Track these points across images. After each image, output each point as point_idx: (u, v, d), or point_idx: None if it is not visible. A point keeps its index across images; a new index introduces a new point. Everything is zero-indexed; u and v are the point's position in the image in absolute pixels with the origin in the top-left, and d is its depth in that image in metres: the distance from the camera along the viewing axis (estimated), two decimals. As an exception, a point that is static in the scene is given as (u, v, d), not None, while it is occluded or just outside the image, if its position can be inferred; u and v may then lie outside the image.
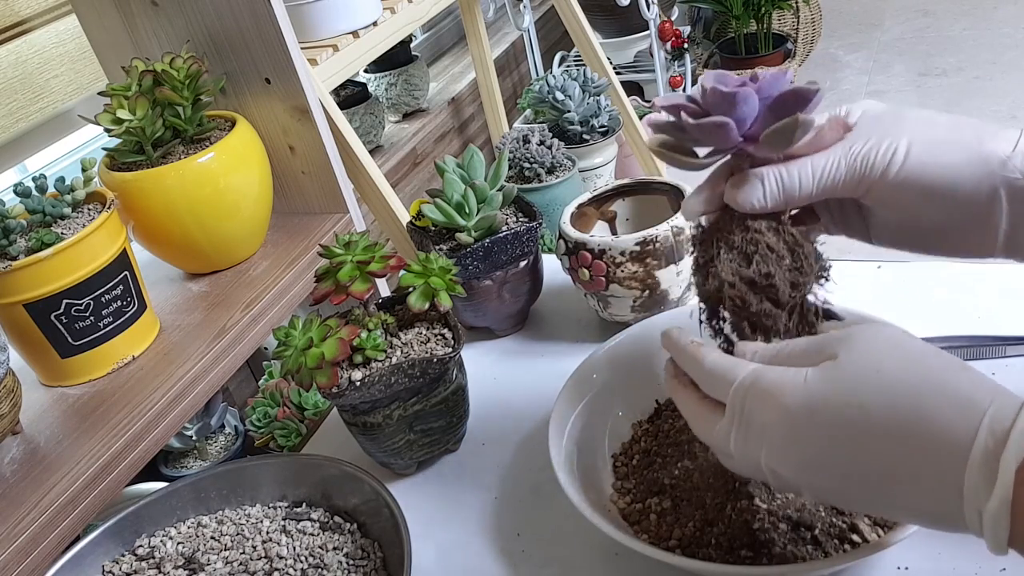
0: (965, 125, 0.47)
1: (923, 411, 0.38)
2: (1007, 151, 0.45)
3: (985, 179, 0.45)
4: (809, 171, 0.47)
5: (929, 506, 0.38)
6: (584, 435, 0.62)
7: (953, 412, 0.37)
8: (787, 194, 0.47)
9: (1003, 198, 0.45)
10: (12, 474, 0.76)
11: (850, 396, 0.39)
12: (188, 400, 0.85)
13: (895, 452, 0.38)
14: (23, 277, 0.78)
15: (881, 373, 0.39)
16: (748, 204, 0.48)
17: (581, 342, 0.80)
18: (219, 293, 0.98)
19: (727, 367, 0.44)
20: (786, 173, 0.47)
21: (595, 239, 0.73)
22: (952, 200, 0.45)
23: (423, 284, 0.65)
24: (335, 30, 1.30)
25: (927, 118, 0.47)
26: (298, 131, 1.05)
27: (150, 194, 0.92)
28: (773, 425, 0.41)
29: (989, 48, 3.02)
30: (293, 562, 0.57)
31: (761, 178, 0.47)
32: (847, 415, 0.39)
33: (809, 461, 0.41)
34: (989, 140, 0.45)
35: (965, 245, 0.48)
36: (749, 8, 2.74)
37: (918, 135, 0.46)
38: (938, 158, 0.45)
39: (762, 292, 0.47)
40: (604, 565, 0.58)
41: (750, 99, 0.46)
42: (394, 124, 2.13)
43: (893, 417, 0.38)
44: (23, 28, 1.20)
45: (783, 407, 0.41)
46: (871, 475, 0.39)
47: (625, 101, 2.09)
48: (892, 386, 0.39)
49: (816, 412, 0.40)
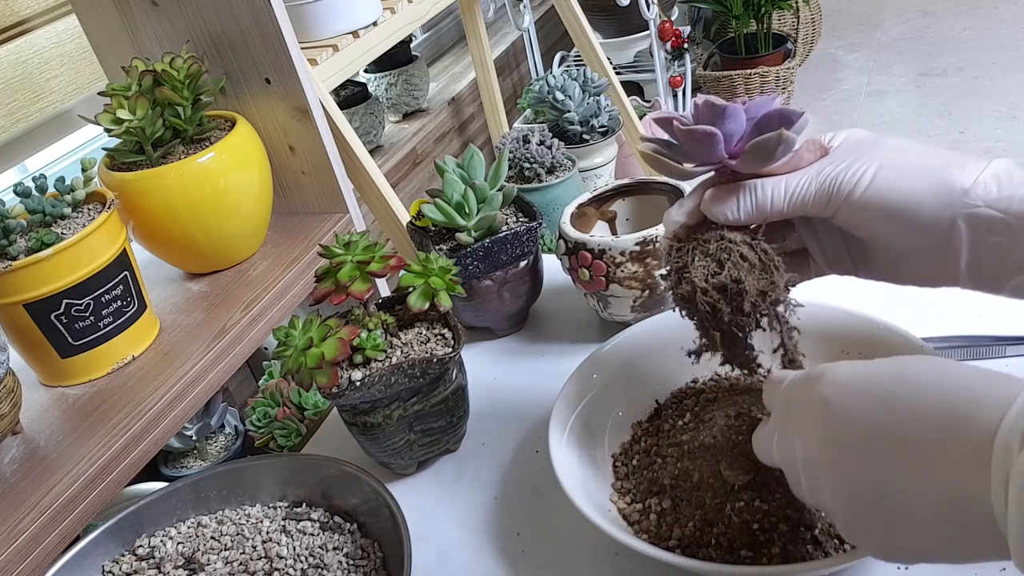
0: (936, 154, 0.48)
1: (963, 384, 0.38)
2: (970, 181, 0.47)
3: (946, 206, 0.47)
4: (782, 188, 0.49)
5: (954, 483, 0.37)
6: (584, 435, 0.62)
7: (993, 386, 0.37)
8: (760, 208, 0.50)
9: (963, 227, 0.47)
10: (12, 474, 0.76)
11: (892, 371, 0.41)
12: (188, 400, 0.85)
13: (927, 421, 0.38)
14: (23, 277, 0.78)
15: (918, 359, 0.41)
16: (723, 215, 0.50)
17: (581, 342, 0.80)
18: (219, 293, 0.98)
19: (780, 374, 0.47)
20: (760, 189, 0.50)
21: (595, 239, 0.73)
22: (914, 224, 0.47)
23: (423, 284, 0.65)
24: (335, 30, 1.30)
25: (900, 146, 0.49)
26: (298, 131, 1.05)
27: (150, 194, 0.92)
28: (812, 405, 0.43)
29: (989, 48, 3.02)
30: (293, 562, 0.57)
31: (737, 192, 0.50)
32: (886, 386, 0.40)
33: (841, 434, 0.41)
34: (955, 169, 0.47)
35: (931, 271, 0.50)
36: (749, 8, 2.74)
37: (888, 160, 0.48)
38: (902, 182, 0.47)
39: (732, 299, 0.49)
40: (604, 565, 0.58)
41: (739, 115, 0.49)
42: (394, 124, 2.13)
43: (933, 388, 0.39)
44: (23, 28, 1.20)
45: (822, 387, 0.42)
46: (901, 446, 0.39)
47: (625, 101, 2.09)
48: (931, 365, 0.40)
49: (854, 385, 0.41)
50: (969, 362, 0.66)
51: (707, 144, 0.49)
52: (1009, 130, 2.55)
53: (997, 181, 0.46)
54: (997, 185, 0.46)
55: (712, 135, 0.48)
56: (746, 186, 0.50)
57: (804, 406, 0.43)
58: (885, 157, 0.48)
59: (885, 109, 2.81)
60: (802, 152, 0.50)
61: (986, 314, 0.70)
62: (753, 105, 0.49)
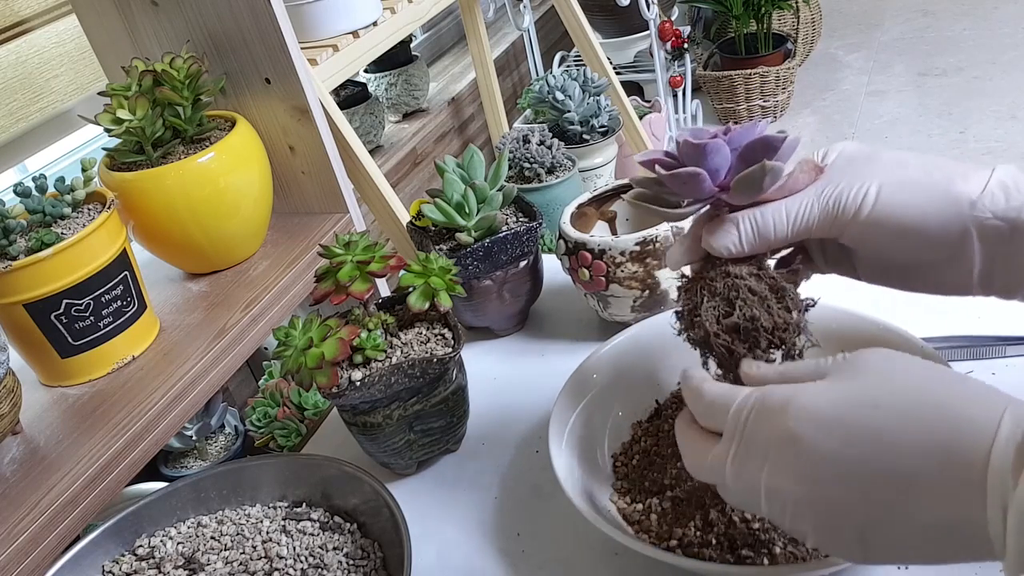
0: (937, 166, 0.47)
1: (941, 405, 0.37)
2: (976, 192, 0.46)
3: (955, 220, 0.46)
4: (783, 214, 0.48)
5: (948, 510, 0.36)
6: (584, 435, 0.62)
7: (971, 407, 0.37)
8: (762, 237, 0.48)
9: (974, 238, 0.46)
10: (12, 474, 0.76)
11: (862, 399, 0.39)
12: (188, 400, 0.85)
13: (914, 449, 0.37)
14: (23, 277, 0.78)
15: (895, 377, 0.40)
16: (724, 249, 0.49)
17: (581, 342, 0.80)
18: (219, 293, 0.98)
19: (725, 393, 0.44)
20: (760, 217, 0.48)
21: (595, 239, 0.73)
22: (923, 239, 0.46)
23: (423, 284, 0.65)
24: (335, 30, 1.30)
25: (899, 160, 0.48)
26: (298, 131, 1.05)
27: (150, 194, 0.92)
28: (780, 440, 0.40)
29: (989, 48, 3.02)
30: (293, 562, 0.57)
31: (736, 223, 0.49)
32: (862, 416, 0.39)
33: (819, 471, 0.39)
34: (960, 181, 0.46)
35: (943, 282, 0.49)
36: (749, 8, 2.74)
37: (889, 177, 0.47)
38: (907, 199, 0.46)
39: (748, 337, 0.47)
40: (604, 565, 0.58)
41: (721, 150, 0.47)
42: (394, 124, 2.13)
43: (911, 414, 0.38)
44: (23, 28, 1.20)
45: (792, 420, 0.40)
46: (887, 479, 0.38)
47: (625, 101, 2.09)
48: (904, 387, 0.39)
49: (826, 420, 0.39)
50: (969, 362, 0.66)
51: (693, 184, 0.48)
52: (1009, 130, 2.55)
53: (1004, 190, 0.45)
54: (1004, 195, 0.45)
55: (696, 175, 0.47)
56: (745, 216, 0.49)
57: (769, 440, 0.41)
58: (885, 173, 0.47)
59: (885, 109, 2.81)
60: (796, 174, 0.48)
61: (986, 314, 0.70)
62: (736, 135, 0.48)
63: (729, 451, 0.43)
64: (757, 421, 0.42)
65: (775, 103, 2.85)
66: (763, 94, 2.82)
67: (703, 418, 0.45)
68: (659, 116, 2.48)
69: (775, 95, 2.82)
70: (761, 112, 2.86)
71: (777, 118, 2.89)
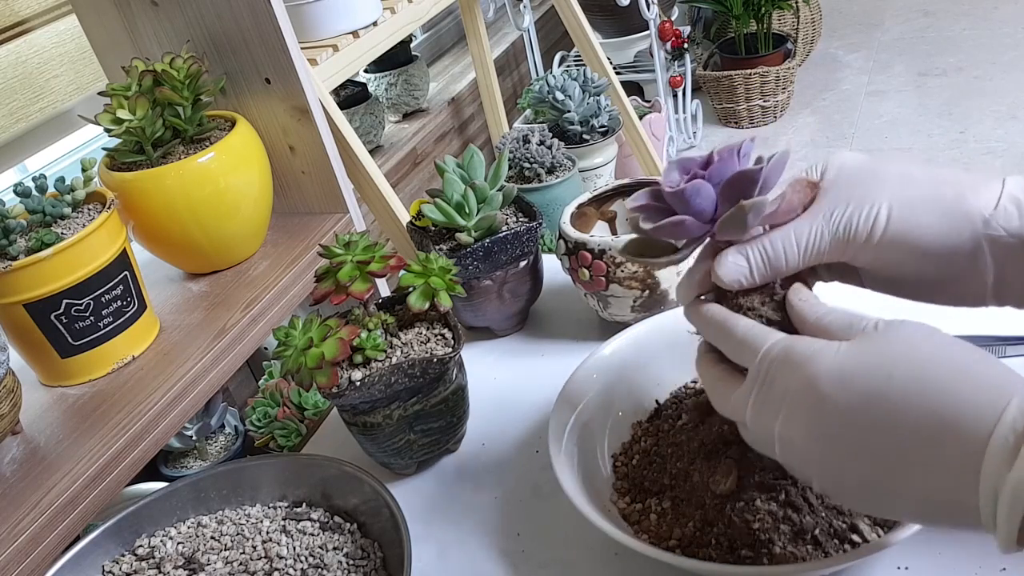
0: (944, 180, 0.47)
1: (950, 389, 0.38)
2: (989, 208, 0.45)
3: (968, 237, 0.45)
4: (793, 242, 0.47)
5: (942, 488, 0.38)
6: (584, 435, 0.62)
7: (980, 393, 0.37)
8: (774, 268, 0.48)
9: (987, 253, 0.45)
10: (12, 474, 0.76)
11: (879, 368, 0.40)
12: (188, 400, 0.85)
13: (917, 426, 0.38)
14: (23, 277, 0.78)
15: (913, 351, 0.40)
16: (736, 283, 0.48)
17: (581, 342, 0.80)
18: (219, 293, 0.98)
19: (758, 333, 0.45)
20: (770, 247, 0.47)
21: (595, 239, 0.73)
22: (937, 257, 0.46)
23: (423, 284, 0.65)
24: (335, 30, 1.30)
25: (905, 175, 0.47)
26: (298, 131, 1.05)
27: (150, 194, 0.92)
28: (796, 391, 0.42)
29: (989, 48, 3.03)
30: (293, 562, 0.57)
31: (745, 255, 0.48)
32: (874, 386, 0.40)
33: (827, 430, 0.41)
34: (971, 196, 0.45)
35: (956, 295, 0.49)
36: (749, 8, 2.74)
37: (898, 195, 0.46)
38: (919, 219, 0.45)
39: None
40: (604, 565, 0.58)
41: (702, 190, 0.46)
42: (394, 124, 2.13)
43: (920, 391, 0.38)
44: (23, 28, 1.20)
45: (810, 374, 0.41)
46: (889, 448, 0.39)
47: (625, 101, 2.09)
48: (923, 364, 0.39)
49: (844, 380, 0.40)
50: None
51: (681, 230, 0.47)
52: (1009, 130, 2.55)
53: (1017, 205, 0.45)
54: (1018, 211, 0.44)
55: (681, 223, 0.46)
56: (755, 248, 0.47)
57: (789, 389, 0.42)
58: (894, 192, 0.46)
59: (885, 109, 2.81)
60: (789, 196, 0.47)
61: (986, 314, 0.69)
62: (717, 168, 0.47)
63: (750, 396, 0.44)
64: (780, 370, 0.43)
65: (775, 103, 2.85)
66: (763, 94, 2.82)
67: (733, 353, 0.46)
68: (659, 116, 2.48)
69: (775, 95, 2.82)
70: (761, 112, 2.86)
71: (777, 118, 2.89)
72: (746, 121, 2.89)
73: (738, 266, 0.47)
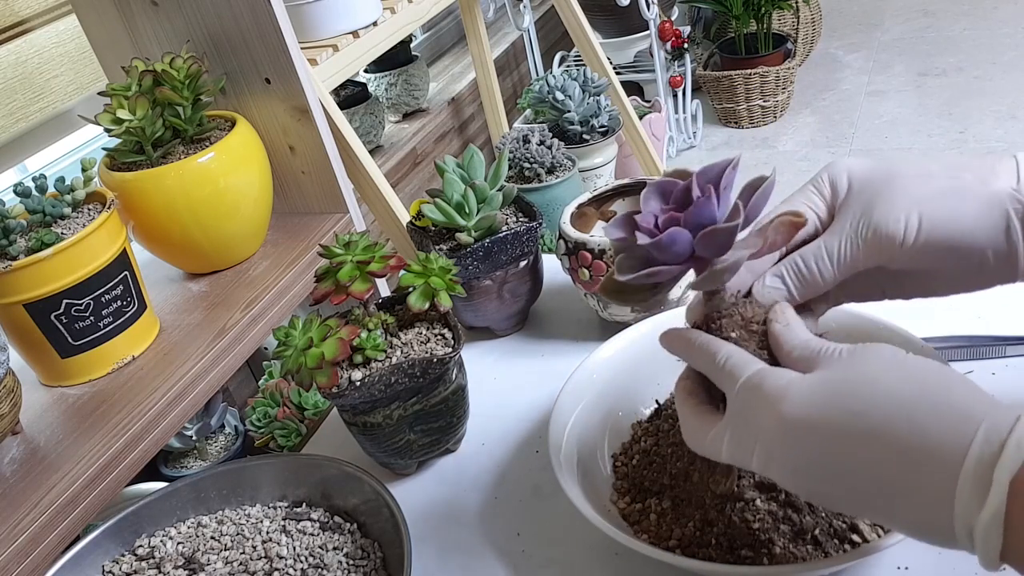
0: (961, 167, 0.47)
1: (918, 423, 0.38)
2: (1012, 184, 0.45)
3: (1000, 216, 0.45)
4: (825, 258, 0.47)
5: (922, 518, 0.38)
6: (584, 435, 0.62)
7: (948, 424, 0.37)
8: (812, 286, 0.48)
9: (1018, 228, 0.45)
10: (12, 474, 0.76)
11: (848, 405, 0.40)
12: (188, 400, 0.85)
13: (889, 462, 0.38)
14: (23, 277, 0.78)
15: (879, 384, 0.40)
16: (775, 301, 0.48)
17: (581, 342, 0.80)
18: (219, 293, 0.98)
19: (740, 363, 0.44)
20: (804, 265, 0.47)
21: (595, 239, 0.73)
22: (974, 243, 0.45)
23: (423, 284, 0.65)
24: (335, 30, 1.30)
25: (922, 171, 0.47)
26: (298, 131, 1.05)
27: (150, 194, 0.92)
28: (769, 429, 0.42)
29: (989, 48, 3.02)
30: (293, 562, 0.57)
31: (781, 276, 0.48)
32: (843, 423, 0.39)
33: (801, 467, 0.41)
34: (991, 179, 0.46)
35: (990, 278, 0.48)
36: (749, 8, 2.74)
37: (923, 194, 0.46)
38: (950, 213, 0.45)
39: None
40: (604, 565, 0.58)
41: (678, 239, 0.45)
42: (394, 124, 2.13)
43: (889, 428, 0.38)
44: (23, 28, 1.20)
45: (780, 412, 0.41)
46: (864, 484, 0.39)
47: (625, 101, 2.09)
48: (889, 397, 0.39)
49: (812, 419, 0.40)
50: (969, 362, 0.66)
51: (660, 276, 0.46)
52: (1009, 130, 2.55)
53: None
54: None
55: (658, 272, 0.46)
56: (788, 267, 0.48)
57: (761, 427, 0.42)
58: (917, 191, 0.46)
59: (885, 109, 2.81)
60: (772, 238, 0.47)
61: (986, 314, 0.70)
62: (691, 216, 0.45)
63: (727, 430, 0.44)
64: (754, 406, 0.43)
65: (775, 103, 2.85)
66: (763, 94, 2.82)
67: (716, 378, 0.46)
68: (659, 116, 2.48)
69: (775, 95, 2.82)
70: (761, 112, 2.86)
71: (777, 118, 2.88)
72: (746, 121, 2.89)
73: (778, 291, 0.48)
